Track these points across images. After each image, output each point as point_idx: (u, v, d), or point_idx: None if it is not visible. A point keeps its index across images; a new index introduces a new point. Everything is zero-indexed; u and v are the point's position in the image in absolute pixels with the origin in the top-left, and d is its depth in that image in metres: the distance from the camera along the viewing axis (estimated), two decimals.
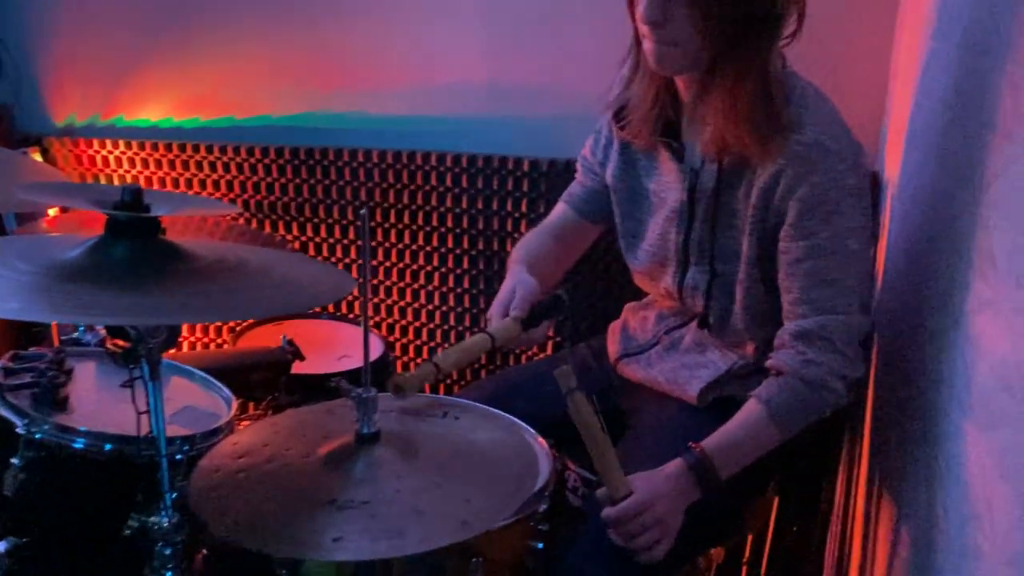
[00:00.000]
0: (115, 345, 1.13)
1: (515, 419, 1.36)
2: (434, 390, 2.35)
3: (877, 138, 2.03)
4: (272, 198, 2.30)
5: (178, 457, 1.24)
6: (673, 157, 1.47)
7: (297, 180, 2.28)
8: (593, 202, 1.65)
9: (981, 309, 1.15)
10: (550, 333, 1.94)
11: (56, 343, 1.76)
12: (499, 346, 1.42)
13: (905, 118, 1.71)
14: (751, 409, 1.38)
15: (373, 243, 2.28)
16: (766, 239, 1.40)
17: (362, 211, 0.99)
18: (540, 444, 1.36)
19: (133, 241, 1.03)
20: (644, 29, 1.34)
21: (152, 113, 2.37)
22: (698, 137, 1.44)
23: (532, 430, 1.37)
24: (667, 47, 1.34)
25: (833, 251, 1.34)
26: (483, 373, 2.33)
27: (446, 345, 2.33)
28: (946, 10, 1.48)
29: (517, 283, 1.48)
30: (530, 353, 2.27)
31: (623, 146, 1.55)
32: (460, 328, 2.31)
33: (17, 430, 1.24)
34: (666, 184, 1.51)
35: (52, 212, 2.00)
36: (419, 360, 2.37)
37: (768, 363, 1.41)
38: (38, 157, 2.34)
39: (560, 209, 1.69)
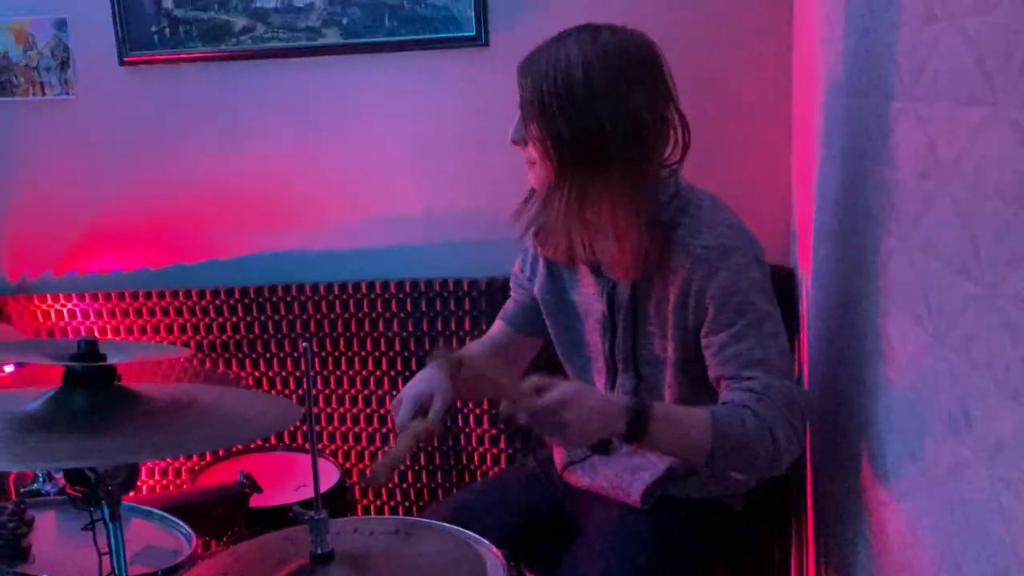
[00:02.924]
0: (76, 488, 1.18)
1: (467, 532, 1.39)
2: (393, 512, 2.39)
3: (787, 236, 2.18)
4: (224, 337, 2.37)
5: None
6: (591, 271, 1.57)
7: (248, 318, 2.36)
8: (525, 317, 1.73)
9: (886, 390, 1.24)
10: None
11: (12, 494, 1.78)
12: (421, 440, 1.48)
13: (810, 217, 1.86)
14: (698, 411, 1.38)
15: (324, 372, 2.35)
16: (688, 340, 1.48)
17: (304, 343, 1.08)
18: (495, 554, 1.40)
19: (90, 390, 1.10)
20: None
21: (104, 265, 2.45)
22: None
23: (486, 541, 1.39)
24: (530, 165, 1.49)
25: (751, 336, 1.41)
26: (440, 493, 2.37)
27: (402, 466, 2.38)
28: (832, 118, 1.64)
29: (435, 389, 1.51)
30: (484, 468, 2.33)
31: (547, 261, 1.64)
32: (413, 448, 2.36)
33: None
34: (588, 296, 1.60)
35: (8, 369, 2.05)
36: (376, 485, 2.41)
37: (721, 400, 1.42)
38: None
39: (497, 325, 1.78)
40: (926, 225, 1.07)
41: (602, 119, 1.39)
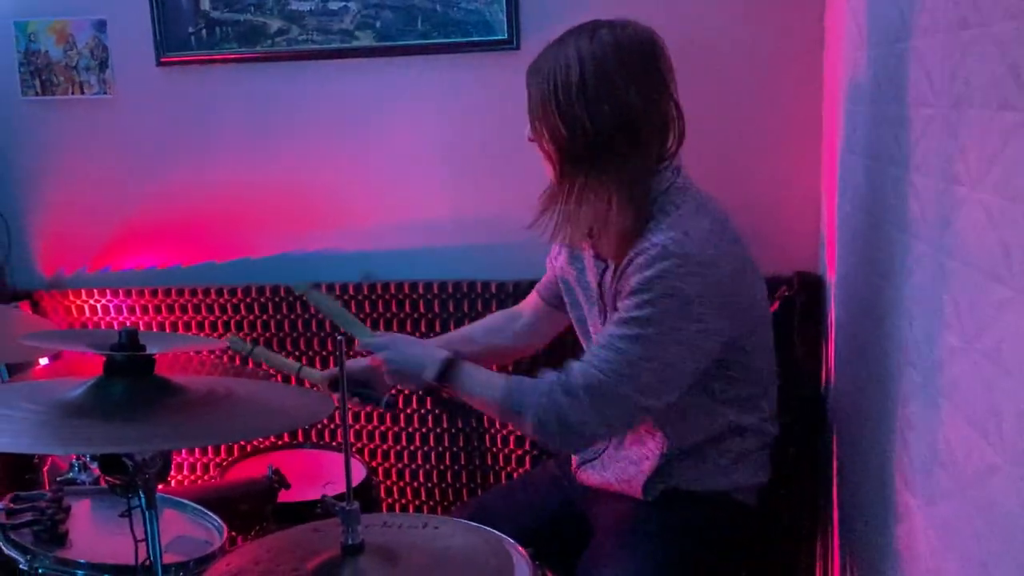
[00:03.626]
0: (111, 480, 1.21)
1: (493, 530, 1.40)
2: (418, 511, 2.41)
3: (816, 243, 2.18)
4: (253, 335, 2.40)
5: None
6: (593, 254, 1.62)
7: (278, 316, 2.38)
8: (551, 291, 1.83)
9: (914, 395, 1.25)
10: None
11: (47, 485, 1.82)
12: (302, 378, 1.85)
13: (835, 225, 1.87)
14: (500, 379, 1.58)
15: None
16: None
17: (339, 338, 1.10)
18: (520, 552, 1.41)
19: (130, 379, 1.13)
20: None
21: (137, 262, 2.49)
22: None
23: (511, 539, 1.41)
24: (544, 161, 1.56)
25: (629, 327, 1.45)
26: (465, 493, 2.39)
27: (427, 466, 2.40)
28: (860, 124, 1.65)
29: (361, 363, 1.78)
30: (508, 469, 2.35)
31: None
32: (440, 449, 2.38)
33: (20, 567, 1.30)
34: (590, 276, 1.65)
35: (43, 362, 2.09)
36: (401, 484, 2.43)
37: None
38: (29, 311, 2.44)
39: (531, 296, 1.90)
40: (956, 230, 1.08)
41: (597, 115, 1.46)
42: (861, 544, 1.58)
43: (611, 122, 1.46)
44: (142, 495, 1.16)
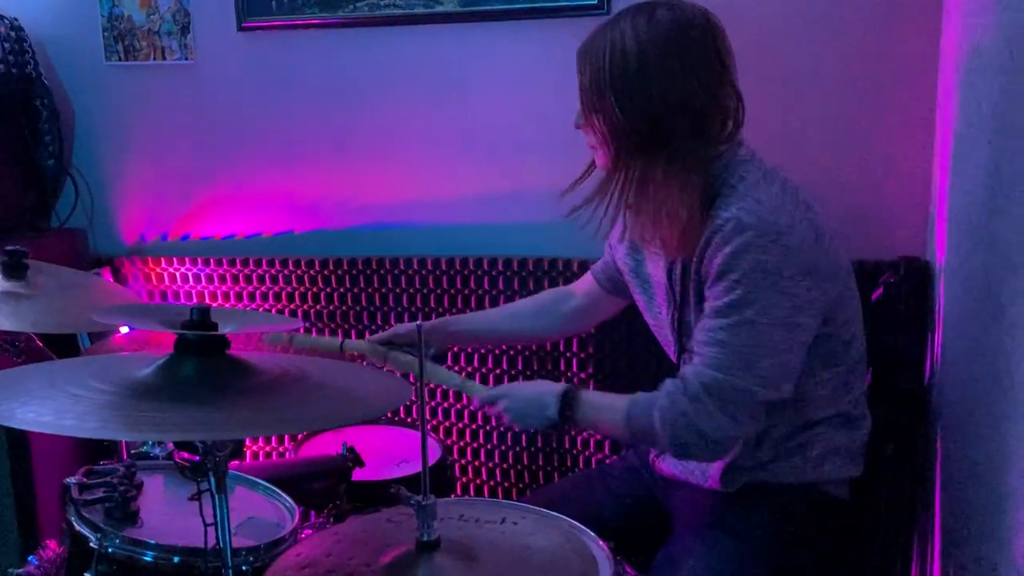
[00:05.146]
0: (183, 458, 1.18)
1: (574, 522, 1.36)
2: (493, 495, 2.36)
3: (924, 226, 2.04)
4: (331, 307, 2.38)
5: (244, 568, 1.27)
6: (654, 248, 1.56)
7: (355, 289, 2.35)
8: (606, 275, 1.79)
9: None
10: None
11: (124, 455, 1.82)
12: (346, 352, 1.77)
13: (946, 206, 1.73)
14: (620, 400, 1.50)
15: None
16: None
17: (418, 324, 1.04)
18: (601, 547, 1.35)
19: (201, 358, 1.09)
20: None
21: (217, 231, 2.48)
22: None
23: (591, 533, 1.36)
24: (592, 149, 1.51)
25: (727, 315, 1.39)
26: (541, 476, 2.33)
27: (502, 448, 2.35)
28: (974, 96, 1.52)
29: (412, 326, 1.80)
30: (587, 454, 2.28)
31: None
32: (516, 430, 2.32)
33: (91, 544, 1.29)
34: (655, 267, 1.59)
35: (124, 329, 2.09)
36: (476, 463, 2.39)
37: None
38: (110, 277, 2.45)
39: (585, 277, 1.86)
40: None
41: (656, 105, 1.40)
42: (967, 554, 1.47)
43: (673, 111, 1.40)
44: (212, 478, 1.13)
